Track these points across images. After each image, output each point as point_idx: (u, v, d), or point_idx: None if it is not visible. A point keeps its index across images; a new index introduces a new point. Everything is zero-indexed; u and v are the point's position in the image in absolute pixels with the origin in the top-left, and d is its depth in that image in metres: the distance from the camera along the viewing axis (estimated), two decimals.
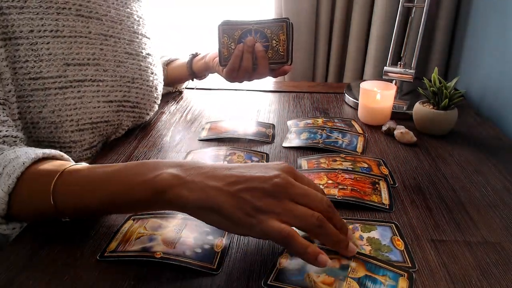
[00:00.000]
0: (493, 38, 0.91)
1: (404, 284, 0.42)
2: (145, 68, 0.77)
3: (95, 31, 0.67)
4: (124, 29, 0.72)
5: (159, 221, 0.52)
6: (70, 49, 0.64)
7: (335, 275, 0.43)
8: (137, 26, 0.75)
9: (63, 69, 0.63)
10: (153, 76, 0.79)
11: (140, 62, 0.75)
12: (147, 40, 0.78)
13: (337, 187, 0.59)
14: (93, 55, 0.67)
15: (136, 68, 0.75)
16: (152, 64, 0.79)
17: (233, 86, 1.08)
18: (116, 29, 0.71)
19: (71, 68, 0.64)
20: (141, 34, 0.76)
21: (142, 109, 0.79)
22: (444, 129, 0.78)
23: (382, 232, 0.50)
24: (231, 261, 0.47)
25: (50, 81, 0.62)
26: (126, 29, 0.73)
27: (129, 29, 0.73)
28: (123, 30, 0.72)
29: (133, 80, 0.74)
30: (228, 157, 0.68)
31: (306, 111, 0.92)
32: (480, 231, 0.52)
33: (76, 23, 0.65)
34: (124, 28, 0.72)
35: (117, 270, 0.45)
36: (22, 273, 0.45)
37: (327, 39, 1.17)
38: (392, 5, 1.06)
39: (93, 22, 0.67)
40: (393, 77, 0.93)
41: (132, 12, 0.74)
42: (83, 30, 0.66)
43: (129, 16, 0.73)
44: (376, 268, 0.44)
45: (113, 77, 0.70)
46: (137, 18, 0.76)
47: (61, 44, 0.63)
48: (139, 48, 0.75)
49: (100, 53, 0.68)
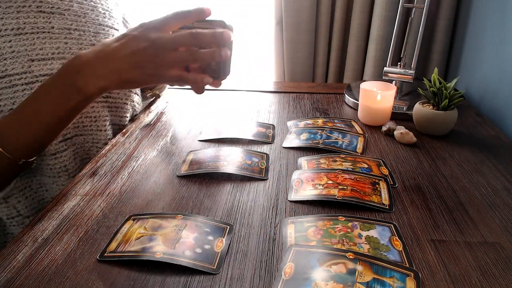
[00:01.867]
0: (493, 38, 0.91)
1: (412, 285, 0.42)
2: None
3: (58, 25, 0.68)
4: (88, 21, 0.73)
5: (159, 221, 0.52)
6: (33, 45, 0.65)
7: (343, 282, 0.42)
8: (103, 19, 0.76)
9: (28, 65, 0.64)
10: None
11: None
12: (115, 32, 0.78)
13: (337, 188, 0.59)
14: (57, 49, 0.67)
15: None
16: None
17: (233, 86, 1.09)
18: (80, 23, 0.71)
19: (36, 63, 0.64)
20: (108, 26, 0.76)
21: (116, 98, 0.78)
22: (444, 129, 0.78)
23: (381, 231, 0.50)
24: (231, 262, 0.47)
25: (16, 78, 0.63)
26: (90, 22, 0.73)
27: (93, 22, 0.74)
28: (88, 22, 0.72)
29: None
30: (228, 157, 0.68)
31: (306, 112, 0.92)
32: (480, 231, 0.52)
33: (38, 20, 0.66)
34: (89, 20, 0.73)
35: (117, 270, 0.45)
36: (22, 273, 0.45)
37: (327, 39, 1.17)
38: (392, 6, 1.06)
39: (55, 17, 0.68)
40: (393, 77, 0.93)
41: (97, 6, 0.75)
42: (45, 26, 0.66)
43: (93, 9, 0.74)
44: (383, 270, 0.44)
45: None
46: (102, 11, 0.76)
47: (23, 41, 0.64)
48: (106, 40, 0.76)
49: (64, 47, 0.68)
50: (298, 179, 0.63)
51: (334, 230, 0.50)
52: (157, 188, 0.62)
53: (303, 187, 0.60)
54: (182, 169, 0.67)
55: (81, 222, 0.54)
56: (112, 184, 0.63)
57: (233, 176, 0.64)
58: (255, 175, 0.64)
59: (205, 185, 0.62)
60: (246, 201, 0.58)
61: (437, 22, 1.09)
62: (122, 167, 0.68)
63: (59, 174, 0.69)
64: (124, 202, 0.58)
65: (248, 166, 0.66)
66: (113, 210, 0.56)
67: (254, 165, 0.67)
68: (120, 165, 0.69)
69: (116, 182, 0.63)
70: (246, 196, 0.59)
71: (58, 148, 0.68)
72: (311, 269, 0.44)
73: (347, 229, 0.51)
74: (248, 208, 0.57)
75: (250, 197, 0.59)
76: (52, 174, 0.69)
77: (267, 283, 0.44)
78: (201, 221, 0.53)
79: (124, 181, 0.64)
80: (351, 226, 0.51)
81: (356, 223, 0.52)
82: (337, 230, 0.51)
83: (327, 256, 0.45)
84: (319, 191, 0.59)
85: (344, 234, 0.50)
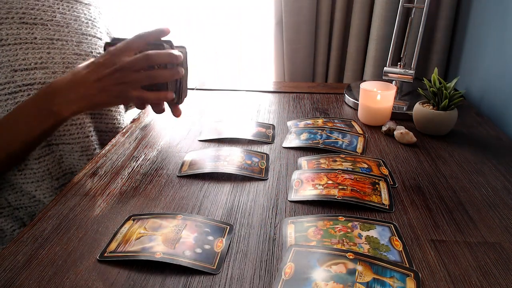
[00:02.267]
0: (493, 38, 0.91)
1: (412, 285, 0.42)
2: None
3: (41, 36, 0.70)
4: (71, 31, 0.74)
5: (159, 221, 0.52)
6: (16, 55, 0.67)
7: (343, 282, 0.42)
8: (86, 28, 0.77)
9: (11, 75, 0.66)
10: None
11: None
12: (98, 41, 0.80)
13: (337, 188, 0.59)
14: (40, 59, 0.69)
15: None
16: None
17: (233, 86, 1.09)
18: (62, 32, 0.73)
19: (19, 73, 0.66)
20: (90, 35, 0.78)
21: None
22: (444, 129, 0.78)
23: (381, 231, 0.50)
24: (231, 262, 0.47)
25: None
26: (73, 32, 0.75)
27: (76, 31, 0.75)
28: (71, 32, 0.74)
29: None
30: (228, 157, 0.68)
31: (306, 112, 0.92)
32: (480, 231, 0.52)
33: (20, 31, 0.68)
34: (72, 30, 0.74)
35: (117, 270, 0.45)
36: (22, 273, 0.45)
37: (327, 39, 1.17)
38: (392, 6, 1.06)
39: (38, 28, 0.70)
40: (393, 77, 0.93)
41: (79, 15, 0.77)
42: (28, 37, 0.68)
43: (76, 19, 0.76)
44: (383, 270, 0.44)
45: None
46: (85, 20, 0.77)
47: (6, 52, 0.66)
48: (89, 49, 0.77)
49: (47, 56, 0.70)
50: (298, 179, 0.63)
51: (334, 230, 0.50)
52: (157, 188, 0.62)
53: (303, 187, 0.60)
54: (182, 169, 0.67)
55: (81, 222, 0.54)
56: (112, 184, 0.63)
57: (233, 176, 0.64)
58: (255, 175, 0.64)
59: (205, 185, 0.62)
60: (246, 201, 0.58)
61: (437, 22, 1.09)
62: (122, 167, 0.68)
63: (43, 177, 0.70)
64: (124, 202, 0.58)
65: (248, 166, 0.66)
66: (113, 210, 0.56)
67: (254, 165, 0.67)
68: (120, 165, 0.69)
69: (116, 182, 0.63)
70: (246, 196, 0.59)
71: (42, 153, 0.70)
72: (311, 269, 0.44)
73: (347, 229, 0.51)
74: (248, 208, 0.57)
75: (250, 197, 0.59)
76: (35, 179, 0.70)
77: (267, 283, 0.44)
78: (201, 221, 0.53)
79: (124, 181, 0.64)
80: (351, 226, 0.51)
81: (356, 223, 0.52)
82: (337, 230, 0.51)
83: (327, 256, 0.45)
84: (319, 191, 0.59)
85: (344, 234, 0.50)
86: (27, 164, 0.68)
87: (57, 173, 0.72)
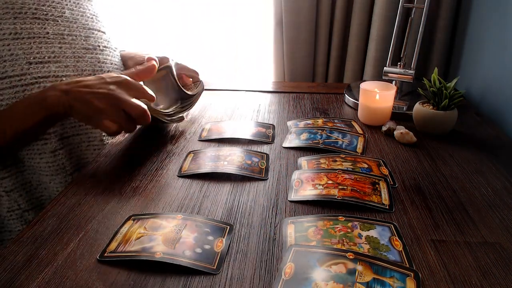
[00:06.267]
0: (493, 38, 0.91)
1: (412, 285, 0.42)
2: (103, 60, 0.80)
3: (53, 31, 0.72)
4: (79, 26, 0.77)
5: (159, 221, 0.52)
6: (31, 49, 0.69)
7: (343, 282, 0.42)
8: (92, 23, 0.80)
9: (27, 67, 0.68)
10: (113, 66, 0.82)
11: (98, 55, 0.79)
12: (103, 34, 0.82)
13: (337, 188, 0.59)
14: (53, 53, 0.71)
15: (96, 61, 0.78)
16: (110, 56, 0.82)
17: (233, 86, 1.09)
18: (72, 28, 0.75)
19: (34, 66, 0.68)
20: (96, 29, 0.81)
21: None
22: (444, 129, 0.78)
23: (381, 231, 0.50)
24: (231, 262, 0.47)
25: (16, 79, 0.66)
26: (81, 27, 0.77)
27: (84, 26, 0.78)
28: (79, 27, 0.77)
29: (94, 73, 0.77)
30: (228, 157, 0.68)
31: (306, 112, 0.92)
32: (480, 232, 0.52)
33: (33, 25, 0.70)
34: (80, 26, 0.77)
35: (117, 270, 0.45)
36: (22, 273, 0.45)
37: (327, 39, 1.17)
38: (392, 6, 1.06)
39: (50, 23, 0.72)
40: (393, 77, 0.93)
41: (85, 11, 0.79)
42: (40, 31, 0.71)
43: (82, 15, 0.78)
44: (383, 270, 0.44)
45: (74, 72, 0.74)
46: (90, 16, 0.80)
47: (21, 45, 0.68)
48: (95, 43, 0.79)
49: (59, 51, 0.72)
50: (298, 179, 0.63)
51: (334, 230, 0.50)
52: (157, 188, 0.62)
53: (303, 187, 0.60)
54: (182, 169, 0.67)
55: (81, 222, 0.54)
56: (112, 184, 0.63)
57: (233, 176, 0.64)
58: (255, 175, 0.64)
59: (205, 185, 0.62)
60: (246, 201, 0.58)
61: (437, 22, 1.09)
62: (122, 167, 0.68)
63: (57, 172, 0.71)
64: (124, 202, 0.58)
65: (248, 166, 0.66)
66: (113, 210, 0.56)
67: (254, 165, 0.67)
68: (120, 165, 0.69)
69: (116, 182, 0.63)
70: (246, 196, 0.59)
71: (57, 146, 0.70)
72: (311, 269, 0.44)
73: (347, 229, 0.51)
74: (248, 208, 0.57)
75: (250, 197, 0.59)
76: (50, 172, 0.70)
77: (267, 283, 0.44)
78: (201, 221, 0.53)
79: (124, 181, 0.64)
80: (351, 226, 0.51)
81: (356, 223, 0.52)
82: (337, 230, 0.51)
83: (327, 256, 0.45)
84: (319, 191, 0.59)
85: (344, 234, 0.50)
86: (42, 157, 0.69)
87: (70, 168, 0.73)
